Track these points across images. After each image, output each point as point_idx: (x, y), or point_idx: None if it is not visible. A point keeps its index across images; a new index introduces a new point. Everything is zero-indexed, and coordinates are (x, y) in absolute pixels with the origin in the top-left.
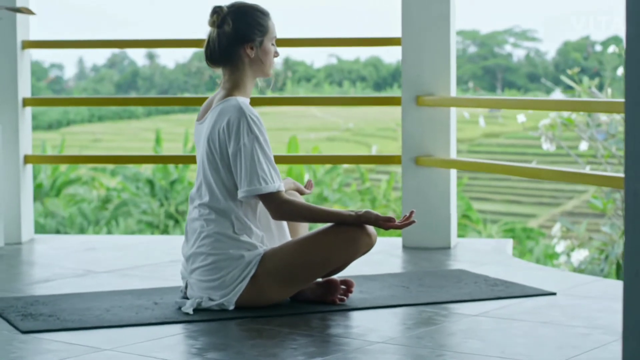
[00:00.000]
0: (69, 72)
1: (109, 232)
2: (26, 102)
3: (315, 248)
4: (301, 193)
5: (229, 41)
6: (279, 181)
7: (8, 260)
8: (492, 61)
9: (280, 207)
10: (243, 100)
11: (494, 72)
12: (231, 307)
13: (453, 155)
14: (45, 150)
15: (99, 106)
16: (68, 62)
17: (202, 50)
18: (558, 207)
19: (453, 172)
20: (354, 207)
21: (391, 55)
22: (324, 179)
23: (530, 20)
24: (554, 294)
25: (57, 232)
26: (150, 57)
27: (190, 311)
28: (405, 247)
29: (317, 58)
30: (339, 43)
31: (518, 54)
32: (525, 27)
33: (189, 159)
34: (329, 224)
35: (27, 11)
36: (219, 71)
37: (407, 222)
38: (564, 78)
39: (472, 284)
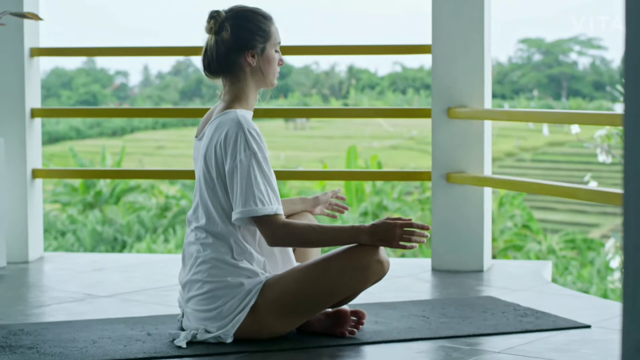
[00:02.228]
0: (134, 80)
1: (166, 241)
2: (35, 113)
3: (321, 276)
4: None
5: (228, 49)
6: (277, 204)
7: (8, 281)
8: (557, 69)
9: (275, 232)
10: (243, 114)
11: (559, 80)
12: (229, 340)
13: (487, 171)
14: (105, 158)
15: (108, 117)
16: (133, 69)
17: None
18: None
19: (487, 190)
20: (413, 217)
21: None
22: (384, 187)
23: (596, 29)
24: (589, 326)
25: (115, 239)
26: None
27: (184, 344)
28: (435, 270)
29: (381, 66)
30: (367, 51)
31: (583, 62)
32: (591, 35)
33: None
34: (337, 249)
35: (34, 17)
36: (219, 82)
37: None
38: None
39: (500, 315)
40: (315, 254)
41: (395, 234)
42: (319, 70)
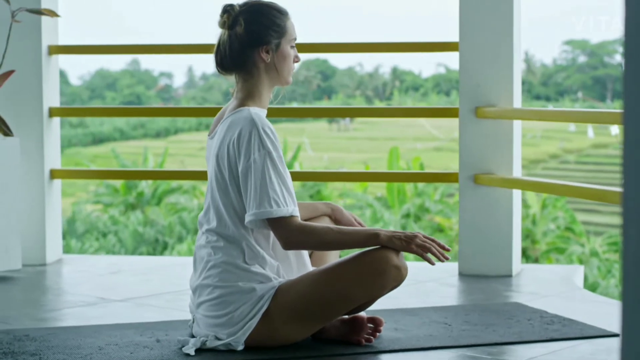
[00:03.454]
0: (179, 81)
1: None
2: (53, 112)
3: (336, 281)
4: (340, 221)
5: (242, 44)
6: (292, 205)
7: (22, 284)
8: (602, 71)
9: (290, 235)
10: (256, 112)
11: (604, 82)
12: (240, 348)
13: (517, 173)
14: (147, 159)
15: (126, 117)
16: (177, 70)
17: (310, 58)
18: None
19: (517, 193)
20: (454, 218)
21: None
22: (426, 189)
23: (596, 29)
24: (617, 335)
25: (156, 240)
26: None
27: (192, 352)
28: (462, 275)
29: (425, 67)
30: (390, 48)
31: None
32: None
33: None
34: (353, 253)
35: (51, 13)
36: (232, 79)
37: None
38: None
39: (525, 322)
40: (333, 258)
41: (416, 237)
42: (363, 72)
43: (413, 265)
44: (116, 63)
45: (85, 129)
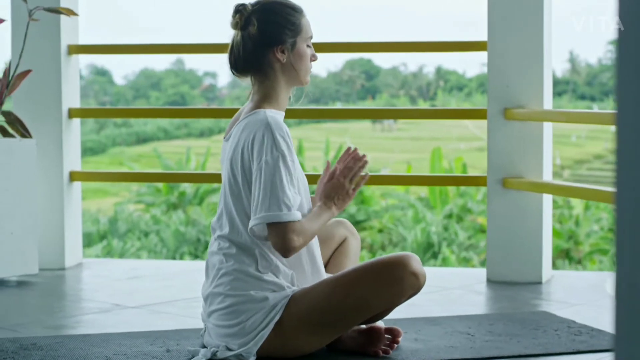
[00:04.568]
0: (223, 81)
1: None
2: (72, 113)
3: (351, 290)
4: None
5: (256, 45)
6: (299, 212)
7: (36, 289)
8: None
9: (297, 239)
10: (272, 114)
11: None
12: (251, 359)
13: (547, 177)
14: (189, 159)
15: (147, 118)
16: (222, 70)
17: (353, 58)
18: None
19: (547, 197)
20: None
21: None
22: (468, 190)
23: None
24: None
25: (197, 240)
26: None
27: None
28: (490, 282)
29: (470, 67)
30: (414, 48)
31: None
32: None
33: None
34: (369, 261)
35: (69, 12)
36: (247, 81)
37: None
38: None
39: (552, 332)
40: (351, 264)
41: (344, 187)
42: (407, 71)
43: (440, 272)
44: (160, 63)
45: (130, 128)
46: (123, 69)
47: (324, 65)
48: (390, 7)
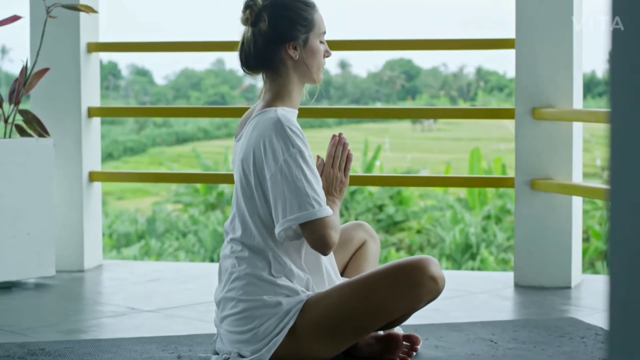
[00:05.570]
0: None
1: None
2: (92, 112)
3: (367, 295)
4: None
5: (266, 41)
6: (329, 207)
7: (52, 292)
8: None
9: (333, 235)
10: (283, 112)
11: None
12: None
13: (577, 178)
14: (227, 159)
15: (164, 117)
16: None
17: (394, 58)
18: None
19: (577, 199)
20: None
21: (587, 65)
22: (507, 190)
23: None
24: None
25: None
26: (343, 65)
27: None
28: (517, 286)
29: (510, 67)
30: (444, 46)
31: None
32: None
33: None
34: (385, 265)
35: (88, 9)
36: (259, 78)
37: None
38: None
39: (578, 340)
40: (372, 267)
41: (336, 177)
42: (447, 72)
43: (465, 275)
44: (201, 63)
45: (170, 128)
46: (164, 69)
47: (364, 66)
48: (393, 6)
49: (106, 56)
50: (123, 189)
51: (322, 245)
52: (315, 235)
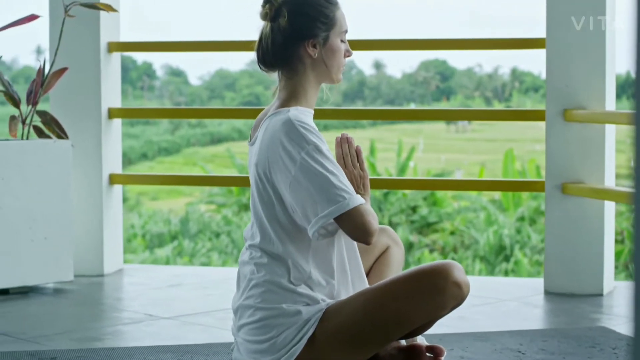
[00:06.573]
0: None
1: None
2: (112, 114)
3: (388, 301)
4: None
5: (285, 38)
6: (358, 195)
7: (69, 297)
8: None
9: (372, 221)
10: (296, 112)
11: None
12: None
13: (609, 182)
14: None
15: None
16: None
17: (429, 59)
18: None
19: (609, 204)
20: None
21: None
22: (542, 193)
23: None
24: None
25: None
26: (377, 66)
27: None
28: (548, 293)
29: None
30: (466, 45)
31: None
32: None
33: None
34: (406, 271)
35: (107, 8)
36: (275, 76)
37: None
38: None
39: (608, 350)
40: (395, 274)
41: (354, 174)
42: (482, 72)
43: (494, 282)
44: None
45: (204, 128)
46: (198, 69)
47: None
48: (398, 6)
49: (141, 56)
50: (157, 189)
51: (363, 234)
52: (353, 224)
